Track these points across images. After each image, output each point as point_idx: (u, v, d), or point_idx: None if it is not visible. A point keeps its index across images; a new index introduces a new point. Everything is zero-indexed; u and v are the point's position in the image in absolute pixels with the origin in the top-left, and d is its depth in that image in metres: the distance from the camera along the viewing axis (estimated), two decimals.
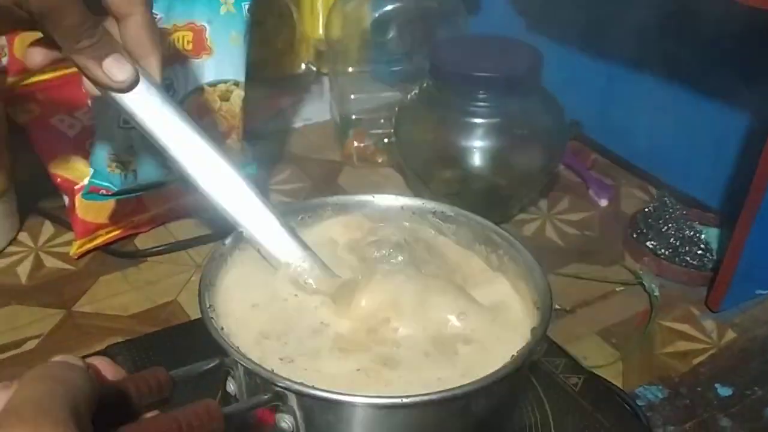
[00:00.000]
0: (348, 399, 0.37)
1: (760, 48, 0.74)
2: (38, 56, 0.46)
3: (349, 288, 0.47)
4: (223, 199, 0.47)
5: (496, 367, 0.39)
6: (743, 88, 0.78)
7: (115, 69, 0.43)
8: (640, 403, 0.59)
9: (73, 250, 0.73)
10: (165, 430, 0.31)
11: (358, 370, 0.42)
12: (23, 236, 0.76)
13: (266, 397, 0.38)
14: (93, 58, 0.42)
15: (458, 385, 0.38)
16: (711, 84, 0.82)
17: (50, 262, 0.73)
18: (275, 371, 0.39)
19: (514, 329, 0.46)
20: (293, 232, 0.49)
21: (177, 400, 0.37)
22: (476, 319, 0.47)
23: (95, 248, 0.74)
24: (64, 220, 0.76)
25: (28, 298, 0.68)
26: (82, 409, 0.27)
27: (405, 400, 0.37)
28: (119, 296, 0.69)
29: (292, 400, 0.38)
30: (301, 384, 0.38)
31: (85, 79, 0.45)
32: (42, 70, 0.73)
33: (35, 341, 0.63)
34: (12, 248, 0.75)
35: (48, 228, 0.78)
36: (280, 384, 0.38)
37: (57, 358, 0.30)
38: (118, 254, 0.74)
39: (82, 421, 0.26)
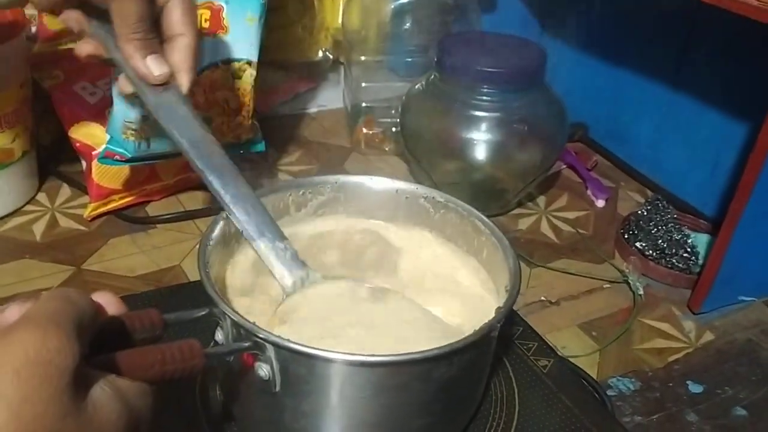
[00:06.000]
0: (318, 353, 0.40)
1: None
2: (87, 48, 0.53)
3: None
4: (217, 183, 0.50)
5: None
6: (746, 101, 0.80)
7: (155, 65, 0.50)
8: (611, 393, 0.61)
9: (87, 212, 0.77)
10: (149, 359, 0.35)
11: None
12: (41, 196, 0.81)
13: (246, 344, 0.41)
14: (140, 49, 0.49)
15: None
16: (714, 95, 0.84)
17: (64, 222, 0.77)
18: (257, 324, 0.42)
19: (483, 309, 0.49)
20: (274, 222, 0.51)
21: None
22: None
23: (108, 212, 0.78)
24: (80, 184, 0.80)
25: (41, 254, 0.72)
26: (84, 327, 0.32)
27: (370, 359, 0.40)
28: (127, 258, 0.73)
29: (270, 351, 0.41)
30: (278, 336, 0.41)
31: (121, 78, 0.52)
32: (69, 40, 0.77)
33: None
34: (30, 207, 0.79)
35: (65, 190, 0.82)
36: (260, 335, 0.41)
37: (70, 289, 0.34)
38: (129, 219, 0.78)
39: (82, 336, 0.31)
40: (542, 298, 0.72)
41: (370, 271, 0.58)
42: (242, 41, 0.70)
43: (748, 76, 0.79)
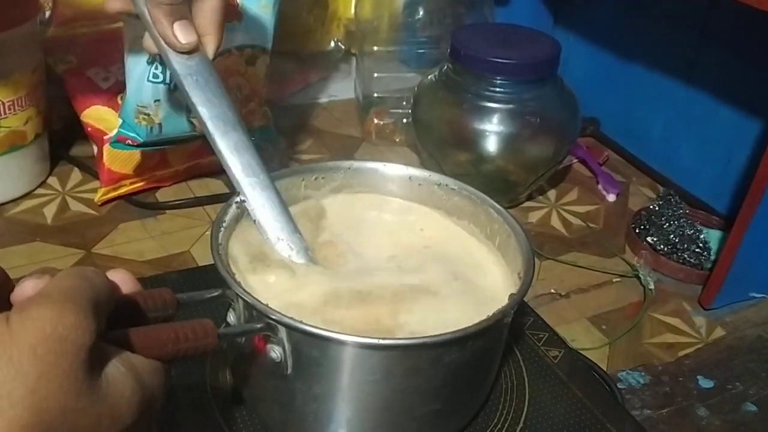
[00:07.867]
0: (331, 335, 0.40)
1: None
2: (117, 4, 0.52)
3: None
4: (234, 166, 0.49)
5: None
6: (760, 97, 0.79)
7: (182, 33, 0.48)
8: (620, 387, 0.61)
9: (98, 196, 0.77)
10: (163, 336, 0.35)
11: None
12: (52, 180, 0.81)
13: (259, 326, 0.41)
14: (168, 15, 0.48)
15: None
16: (728, 91, 0.83)
17: (75, 206, 0.77)
18: (269, 305, 0.42)
19: (495, 295, 0.48)
20: (288, 213, 0.50)
21: None
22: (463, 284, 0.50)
23: (118, 197, 0.78)
24: (91, 169, 0.80)
25: (52, 237, 0.72)
26: (101, 305, 0.32)
27: (382, 342, 0.40)
28: (136, 243, 0.73)
29: (282, 333, 0.41)
30: (291, 318, 0.41)
31: (146, 37, 0.50)
32: (82, 25, 0.77)
33: None
34: (41, 190, 0.79)
35: (76, 174, 0.82)
36: (272, 316, 0.41)
37: (87, 268, 0.34)
38: (139, 204, 0.78)
39: (98, 314, 0.31)
40: (552, 290, 0.72)
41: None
42: (256, 28, 0.70)
43: (762, 73, 0.78)
